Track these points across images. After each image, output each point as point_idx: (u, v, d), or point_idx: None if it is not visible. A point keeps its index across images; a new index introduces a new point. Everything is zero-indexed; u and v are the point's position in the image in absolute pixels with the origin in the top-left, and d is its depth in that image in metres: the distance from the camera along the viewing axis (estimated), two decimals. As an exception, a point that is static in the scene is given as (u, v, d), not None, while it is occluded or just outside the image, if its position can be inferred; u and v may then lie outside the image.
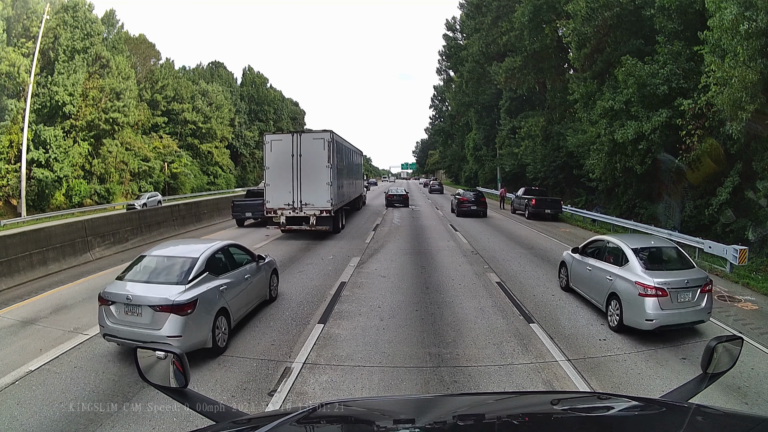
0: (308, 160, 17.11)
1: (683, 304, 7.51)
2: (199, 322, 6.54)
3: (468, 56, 40.41)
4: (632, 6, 20.47)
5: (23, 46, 35.84)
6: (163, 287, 6.59)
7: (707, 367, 1.90)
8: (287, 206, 17.23)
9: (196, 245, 7.90)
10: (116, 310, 6.53)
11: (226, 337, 7.15)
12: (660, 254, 8.50)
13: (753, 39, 12.29)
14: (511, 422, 1.61)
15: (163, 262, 7.16)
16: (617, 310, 7.89)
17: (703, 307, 7.64)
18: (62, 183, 37.70)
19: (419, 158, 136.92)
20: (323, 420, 1.65)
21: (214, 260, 7.36)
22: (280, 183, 17.22)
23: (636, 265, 7.83)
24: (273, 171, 17.34)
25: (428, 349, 7.07)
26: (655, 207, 20.01)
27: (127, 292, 6.54)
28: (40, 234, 13.20)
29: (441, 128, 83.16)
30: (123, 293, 6.53)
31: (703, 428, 1.55)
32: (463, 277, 11.71)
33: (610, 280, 8.22)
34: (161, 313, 6.28)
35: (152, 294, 6.46)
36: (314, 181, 17.07)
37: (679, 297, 7.48)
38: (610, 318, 8.16)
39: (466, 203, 26.27)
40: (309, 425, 1.59)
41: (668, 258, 8.41)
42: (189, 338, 6.34)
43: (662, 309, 7.34)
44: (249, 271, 8.35)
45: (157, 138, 53.17)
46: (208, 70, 71.25)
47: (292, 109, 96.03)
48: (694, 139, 16.36)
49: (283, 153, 17.22)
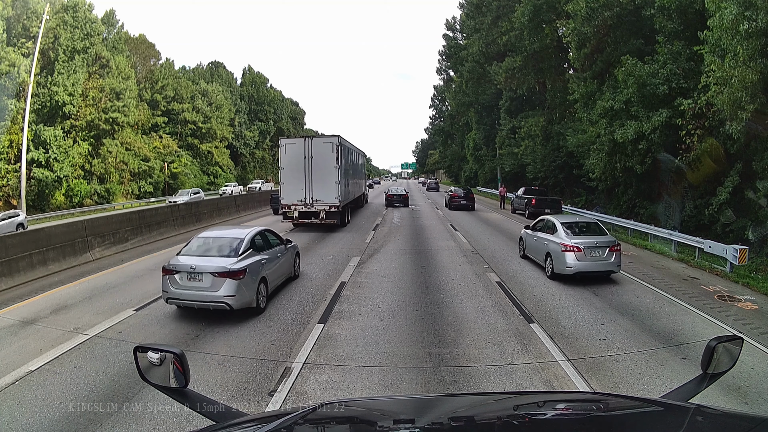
0: (318, 161, 19.10)
1: (594, 258, 11.01)
2: (248, 286, 8.35)
3: (468, 56, 40.39)
4: (632, 6, 20.46)
5: (23, 46, 35.82)
6: (219, 259, 8.43)
7: (707, 367, 1.89)
8: (300, 202, 19.33)
9: (240, 229, 10.03)
10: (180, 278, 8.20)
11: (265, 301, 9.05)
12: (580, 226, 12.11)
13: (753, 39, 12.29)
14: (511, 422, 1.61)
15: (215, 241, 9.09)
16: (550, 264, 11.49)
17: (612, 261, 11.11)
18: (62, 183, 37.68)
19: (419, 158, 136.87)
20: (323, 420, 1.65)
21: (255, 240, 9.28)
22: (293, 182, 19.25)
23: (561, 233, 11.53)
24: (287, 171, 19.43)
25: (428, 349, 7.08)
26: (655, 207, 20.01)
27: (190, 263, 8.28)
28: (40, 234, 13.20)
29: (441, 128, 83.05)
30: (187, 264, 8.26)
31: (703, 428, 1.55)
32: (463, 276, 11.71)
33: (546, 243, 11.87)
34: (219, 278, 8.00)
35: (211, 264, 8.24)
36: (324, 180, 19.05)
37: (591, 253, 10.99)
38: (546, 270, 11.74)
39: (456, 198, 30.57)
40: (309, 425, 1.59)
41: (586, 229, 11.99)
42: (240, 298, 8.13)
43: (578, 260, 10.86)
44: (279, 251, 10.28)
45: (157, 138, 53.13)
46: (208, 70, 71.19)
47: (292, 109, 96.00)
48: (694, 138, 16.36)
49: (296, 155, 19.18)
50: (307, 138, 20.33)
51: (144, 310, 9.08)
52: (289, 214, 19.62)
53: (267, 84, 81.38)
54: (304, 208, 19.34)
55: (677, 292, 10.48)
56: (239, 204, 29.37)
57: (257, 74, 79.92)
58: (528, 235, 13.52)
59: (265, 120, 78.45)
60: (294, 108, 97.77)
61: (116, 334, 7.82)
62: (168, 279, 8.29)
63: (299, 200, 19.31)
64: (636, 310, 9.11)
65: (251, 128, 74.28)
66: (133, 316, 8.79)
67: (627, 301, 9.69)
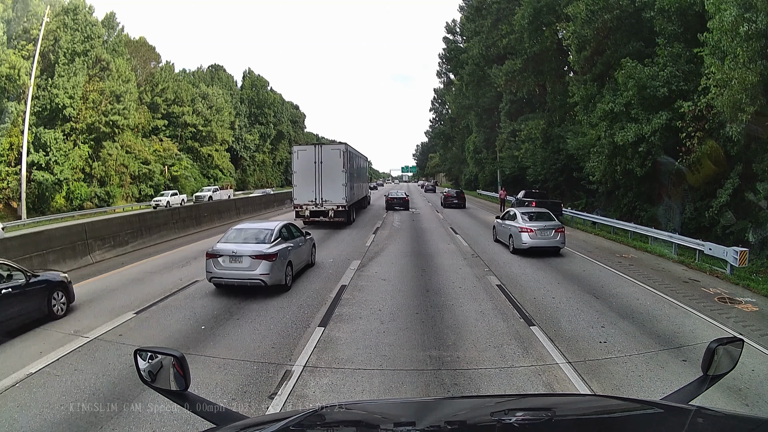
0: (327, 166, 21.08)
1: (544, 237, 14.77)
2: (278, 267, 10.23)
3: (468, 59, 40.45)
4: (632, 8, 20.48)
5: (23, 48, 35.91)
6: (255, 245, 10.31)
7: (708, 369, 1.89)
8: (311, 202, 21.33)
9: (268, 222, 12.68)
10: (222, 260, 10.06)
11: (291, 280, 10.95)
12: (535, 214, 15.97)
13: (753, 41, 12.30)
14: (512, 425, 1.61)
15: (250, 231, 11.10)
16: (512, 242, 15.34)
17: (558, 239, 14.89)
18: (62, 186, 37.72)
19: (419, 161, 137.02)
20: (324, 423, 1.64)
21: (282, 231, 11.21)
22: (304, 184, 21.30)
23: (519, 219, 15.38)
24: (299, 174, 21.45)
25: (429, 352, 7.07)
26: (656, 209, 20.00)
27: (231, 248, 10.17)
28: (40, 237, 13.21)
29: (441, 131, 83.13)
30: (229, 249, 10.16)
31: (704, 430, 1.55)
32: (464, 279, 11.71)
33: (510, 228, 15.74)
34: (257, 260, 9.91)
35: (249, 249, 10.11)
36: (332, 182, 21.06)
37: (541, 233, 14.76)
38: (509, 246, 15.55)
39: (449, 198, 36.17)
40: (309, 428, 1.59)
41: (539, 216, 15.77)
42: (273, 277, 10.04)
43: (531, 239, 14.66)
44: (300, 241, 12.12)
45: (157, 141, 53.17)
46: (208, 73, 71.36)
47: (293, 112, 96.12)
48: (694, 141, 16.36)
49: (307, 160, 21.21)
50: (317, 145, 22.28)
51: (144, 313, 9.08)
52: (301, 213, 21.43)
53: (267, 87, 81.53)
54: (314, 208, 21.32)
55: (677, 294, 10.48)
56: (239, 207, 29.51)
57: (258, 77, 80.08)
58: (498, 223, 17.48)
59: (265, 123, 78.56)
60: (294, 111, 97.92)
61: (116, 337, 7.82)
62: (212, 262, 10.12)
63: (310, 200, 21.32)
64: (636, 312, 9.11)
65: (251, 131, 74.42)
66: (134, 318, 8.78)
67: (627, 304, 9.68)
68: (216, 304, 9.62)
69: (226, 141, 66.12)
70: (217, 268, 10.06)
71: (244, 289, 10.18)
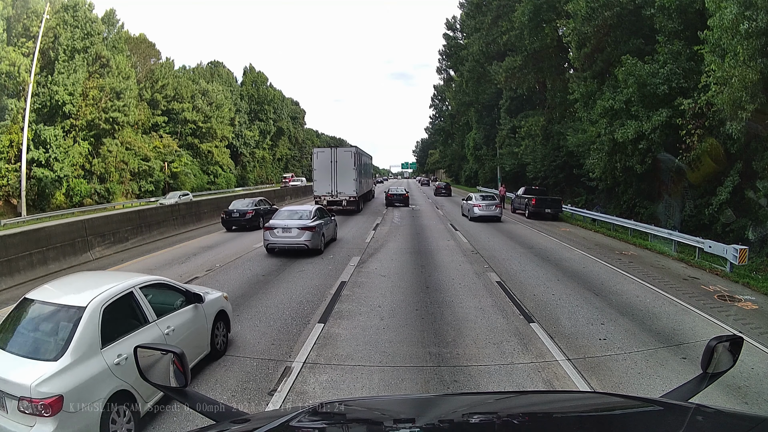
0: (341, 164, 26.08)
1: (488, 210, 23.11)
2: (317, 237, 14.24)
3: (468, 55, 40.42)
4: (632, 6, 20.44)
5: (23, 45, 35.84)
6: (300, 221, 14.22)
7: (707, 367, 1.89)
8: (328, 194, 26.20)
9: (307, 206, 17.04)
10: (277, 231, 13.98)
11: (323, 248, 14.85)
12: (484, 196, 25.54)
13: (753, 38, 12.28)
14: (511, 422, 1.61)
15: (295, 212, 15.05)
16: (469, 213, 23.77)
17: (497, 211, 23.30)
18: (62, 182, 37.70)
19: (419, 158, 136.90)
20: (323, 419, 1.65)
21: (317, 212, 15.21)
22: (323, 179, 26.33)
23: (474, 199, 24.27)
24: (318, 171, 26.49)
25: (428, 349, 7.08)
26: (655, 206, 20.01)
27: (284, 223, 14.10)
28: (40, 233, 13.21)
29: (441, 127, 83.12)
30: (281, 223, 14.13)
31: (703, 428, 1.55)
32: (463, 276, 11.72)
33: (469, 204, 24.31)
34: (302, 231, 13.85)
35: (296, 223, 14.12)
36: (345, 178, 26.06)
37: (486, 208, 23.16)
38: (467, 216, 23.96)
39: (439, 189, 47.77)
40: (309, 425, 1.59)
41: (487, 197, 24.76)
42: (313, 243, 13.97)
43: (479, 212, 23.08)
44: (328, 220, 16.06)
45: (157, 137, 53.14)
46: (208, 70, 71.18)
47: (293, 108, 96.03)
48: (694, 138, 16.36)
49: (324, 160, 26.35)
50: (333, 147, 28.33)
51: (144, 310, 9.07)
52: (320, 203, 24.87)
53: (267, 83, 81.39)
54: (331, 198, 26.00)
55: (677, 291, 10.48)
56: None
57: (258, 74, 79.91)
58: (463, 203, 26.25)
59: (265, 120, 78.49)
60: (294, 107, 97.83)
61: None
62: (268, 233, 14.14)
63: (327, 192, 26.19)
64: (636, 309, 9.11)
65: (251, 128, 74.30)
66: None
67: (627, 301, 9.69)
68: (216, 301, 9.62)
69: (226, 137, 66.05)
70: (272, 237, 13.95)
71: (244, 283, 10.19)
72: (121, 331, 4.82)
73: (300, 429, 1.55)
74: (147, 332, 5.13)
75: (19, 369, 4.09)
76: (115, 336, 4.70)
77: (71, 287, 5.40)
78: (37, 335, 4.63)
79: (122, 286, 5.11)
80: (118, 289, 5.01)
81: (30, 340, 4.56)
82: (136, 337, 4.89)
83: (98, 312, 4.58)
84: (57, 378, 4.03)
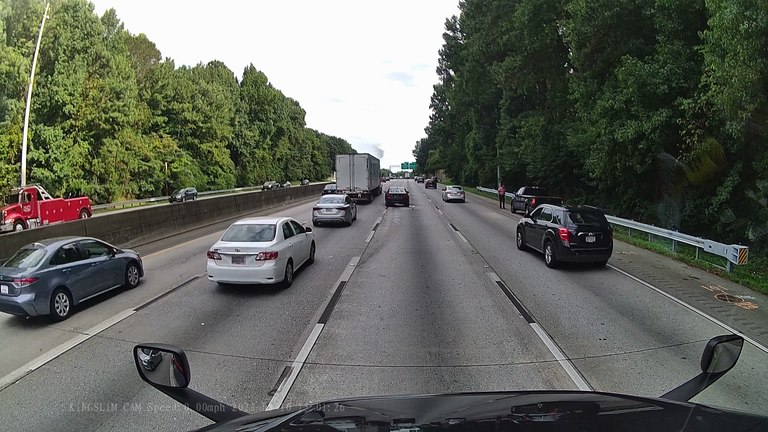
0: (357, 167, 34.80)
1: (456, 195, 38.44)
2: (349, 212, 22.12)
3: (468, 56, 40.37)
4: (632, 6, 20.42)
5: (23, 45, 35.80)
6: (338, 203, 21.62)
7: (707, 367, 1.89)
8: (347, 189, 33.66)
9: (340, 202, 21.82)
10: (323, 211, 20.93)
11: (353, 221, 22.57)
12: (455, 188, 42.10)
13: (753, 38, 12.27)
14: (511, 422, 1.61)
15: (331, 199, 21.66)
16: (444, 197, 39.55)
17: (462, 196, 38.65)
18: (62, 183, 37.67)
19: (419, 158, 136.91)
20: (323, 420, 1.64)
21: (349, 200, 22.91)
22: (344, 177, 34.81)
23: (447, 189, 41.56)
24: (340, 172, 35.30)
25: (428, 349, 7.08)
26: (655, 206, 19.99)
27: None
28: (39, 234, 13.22)
29: (441, 128, 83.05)
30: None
31: (703, 428, 1.55)
32: (463, 276, 11.72)
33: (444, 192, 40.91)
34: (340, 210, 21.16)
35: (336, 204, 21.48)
36: (360, 177, 34.66)
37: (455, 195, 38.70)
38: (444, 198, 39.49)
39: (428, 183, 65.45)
40: (309, 425, 1.59)
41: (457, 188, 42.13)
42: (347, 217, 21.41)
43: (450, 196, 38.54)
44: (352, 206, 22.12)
45: (157, 137, 53.11)
46: (208, 70, 71.15)
47: (292, 108, 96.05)
48: (694, 138, 16.35)
49: (345, 163, 35.22)
50: (351, 155, 37.28)
51: (144, 310, 9.09)
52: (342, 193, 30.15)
53: (267, 83, 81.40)
54: (350, 191, 32.71)
55: (677, 291, 10.48)
56: (239, 204, 29.47)
57: (258, 74, 79.91)
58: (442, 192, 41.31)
59: (265, 120, 78.46)
60: (294, 107, 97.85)
61: (116, 333, 7.83)
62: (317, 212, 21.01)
63: (347, 187, 34.01)
64: (636, 309, 9.11)
65: (251, 128, 74.28)
66: (134, 315, 8.80)
67: (627, 301, 9.69)
68: (216, 300, 9.63)
69: (226, 137, 66.04)
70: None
71: (244, 285, 10.22)
72: (288, 234, 11.22)
73: (300, 429, 1.55)
74: (294, 238, 11.56)
75: (256, 245, 10.19)
76: (288, 235, 11.21)
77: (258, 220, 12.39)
78: (257, 235, 10.67)
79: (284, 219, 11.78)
80: (284, 219, 11.70)
81: (255, 237, 10.62)
82: (292, 239, 11.33)
83: (281, 226, 10.99)
84: (273, 246, 10.16)
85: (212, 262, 10.12)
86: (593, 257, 12.64)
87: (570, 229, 12.24)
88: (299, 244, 11.86)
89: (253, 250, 9.95)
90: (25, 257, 8.83)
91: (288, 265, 10.64)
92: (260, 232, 10.77)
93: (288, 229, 11.40)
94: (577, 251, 12.27)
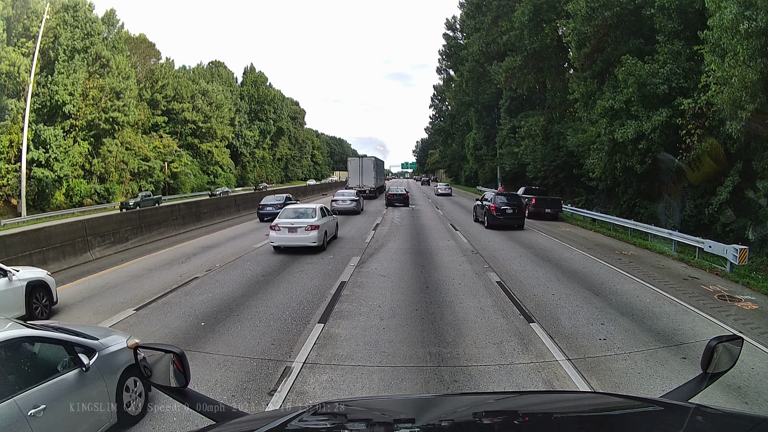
0: (365, 168, 40.39)
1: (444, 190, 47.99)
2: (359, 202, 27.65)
3: (468, 56, 40.38)
4: (632, 6, 20.44)
5: (23, 45, 35.85)
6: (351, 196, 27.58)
7: (707, 367, 1.89)
8: (357, 186, 37.64)
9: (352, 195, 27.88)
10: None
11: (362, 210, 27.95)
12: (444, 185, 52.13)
13: (753, 38, 12.27)
14: (511, 422, 1.61)
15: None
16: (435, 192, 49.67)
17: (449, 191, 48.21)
18: (62, 183, 37.74)
19: (419, 158, 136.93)
20: (323, 420, 1.64)
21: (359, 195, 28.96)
22: (354, 177, 39.95)
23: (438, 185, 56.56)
24: (351, 172, 40.88)
25: (428, 349, 7.07)
26: (655, 206, 20.00)
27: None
28: (40, 234, 13.21)
29: (441, 128, 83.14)
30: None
31: (703, 428, 1.55)
32: (463, 276, 11.71)
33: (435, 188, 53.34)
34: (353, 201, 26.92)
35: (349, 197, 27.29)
36: (367, 176, 39.90)
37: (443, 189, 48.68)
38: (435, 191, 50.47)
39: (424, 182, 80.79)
40: (309, 425, 1.59)
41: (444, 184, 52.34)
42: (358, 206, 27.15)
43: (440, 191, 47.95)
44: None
45: (157, 137, 53.18)
46: (208, 70, 71.22)
47: (292, 108, 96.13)
48: (694, 138, 16.35)
49: (355, 165, 41.10)
50: (361, 158, 44.65)
51: (144, 310, 9.08)
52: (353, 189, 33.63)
53: (267, 83, 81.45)
54: (359, 188, 35.90)
55: (677, 291, 10.48)
56: (239, 203, 29.48)
57: (258, 74, 79.94)
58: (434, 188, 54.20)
59: (265, 120, 78.53)
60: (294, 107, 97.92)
61: (116, 333, 7.81)
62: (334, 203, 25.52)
63: (357, 185, 37.97)
64: (636, 309, 9.11)
65: (251, 128, 74.33)
66: (134, 315, 8.79)
67: (627, 301, 9.69)
68: (216, 300, 9.62)
69: (226, 137, 66.13)
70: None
71: (244, 283, 10.21)
72: (323, 215, 15.57)
73: (300, 429, 1.55)
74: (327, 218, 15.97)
75: (304, 220, 14.66)
76: (323, 215, 15.60)
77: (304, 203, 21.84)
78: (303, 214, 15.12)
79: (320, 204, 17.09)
80: (320, 204, 16.96)
81: (300, 216, 14.94)
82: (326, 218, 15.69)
83: (320, 208, 15.72)
84: (316, 221, 14.67)
85: (273, 232, 14.45)
86: (510, 222, 20.06)
87: (496, 205, 20.24)
88: (331, 222, 16.42)
89: (303, 224, 14.36)
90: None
91: (324, 235, 14.97)
92: (304, 212, 15.32)
93: (323, 211, 15.76)
94: (500, 218, 19.98)
